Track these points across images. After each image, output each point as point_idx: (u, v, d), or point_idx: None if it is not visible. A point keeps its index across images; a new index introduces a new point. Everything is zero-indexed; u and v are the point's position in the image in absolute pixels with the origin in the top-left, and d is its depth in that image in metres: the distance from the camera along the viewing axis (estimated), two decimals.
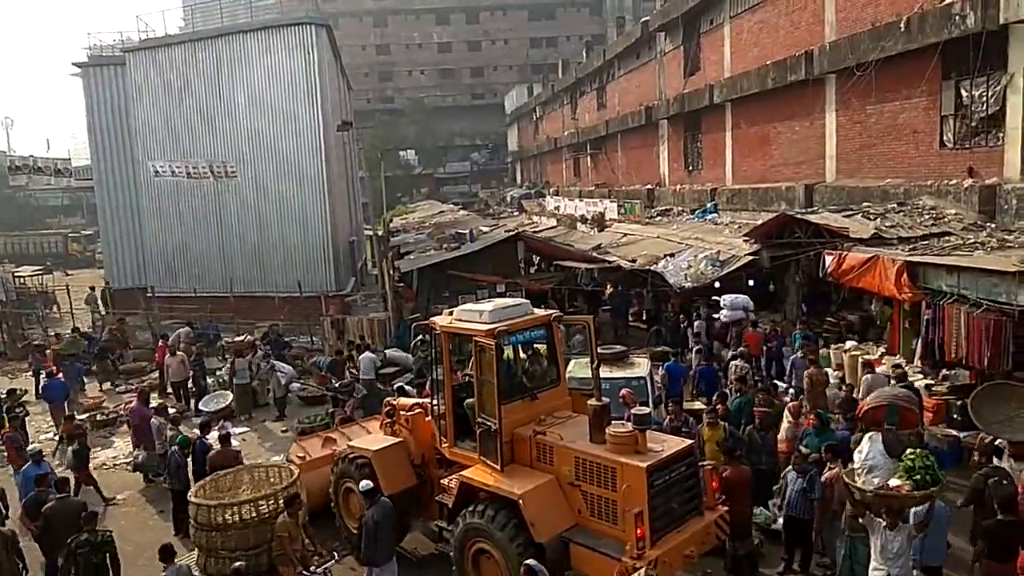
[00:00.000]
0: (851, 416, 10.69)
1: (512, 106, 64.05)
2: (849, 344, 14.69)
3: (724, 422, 10.82)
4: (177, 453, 11.60)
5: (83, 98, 31.15)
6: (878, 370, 12.59)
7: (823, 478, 8.94)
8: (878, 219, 15.10)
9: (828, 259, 14.24)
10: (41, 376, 18.37)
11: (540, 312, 9.59)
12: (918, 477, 7.26)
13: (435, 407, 9.82)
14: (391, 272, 23.53)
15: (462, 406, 9.40)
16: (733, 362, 14.20)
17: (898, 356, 13.60)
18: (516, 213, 43.53)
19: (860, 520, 7.59)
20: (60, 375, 18.00)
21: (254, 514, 9.29)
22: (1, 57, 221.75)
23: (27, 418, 16.12)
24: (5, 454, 13.95)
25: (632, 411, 8.42)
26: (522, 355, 9.78)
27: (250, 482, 10.49)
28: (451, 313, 9.66)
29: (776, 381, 14.48)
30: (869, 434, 8.02)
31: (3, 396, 16.96)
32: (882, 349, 14.20)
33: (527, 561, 7.18)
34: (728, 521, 8.52)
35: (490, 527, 8.26)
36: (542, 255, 25.03)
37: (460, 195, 65.76)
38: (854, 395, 11.90)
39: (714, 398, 12.15)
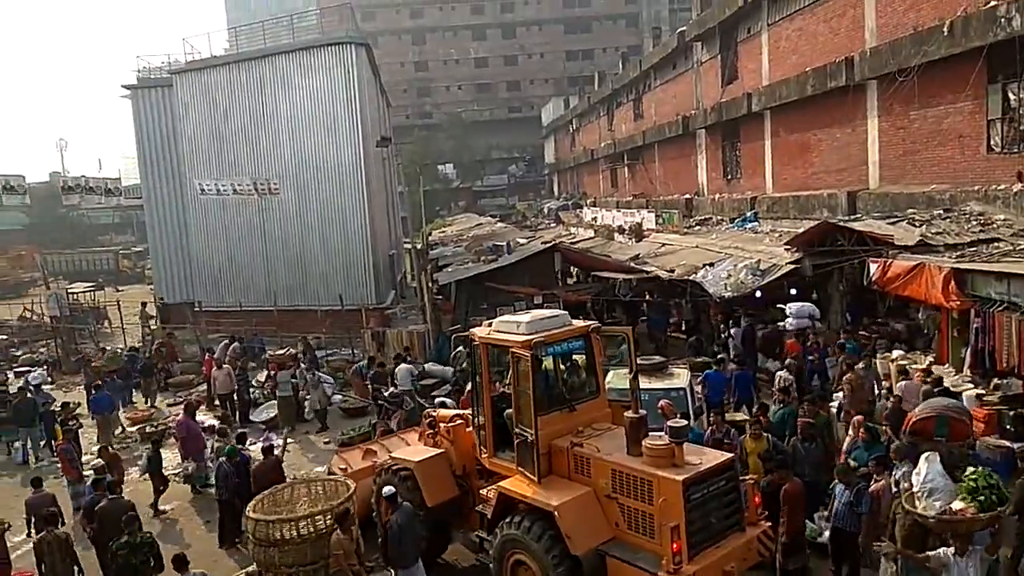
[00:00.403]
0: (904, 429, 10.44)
1: (548, 119, 64.28)
2: (896, 353, 14.38)
3: (767, 434, 10.69)
4: (225, 464, 11.86)
5: (132, 119, 32.15)
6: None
7: (870, 490, 8.75)
8: (924, 226, 14.79)
9: (873, 267, 13.98)
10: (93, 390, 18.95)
11: (579, 323, 9.55)
12: (982, 498, 6.93)
13: (475, 417, 9.87)
14: (430, 285, 23.75)
15: (502, 416, 9.40)
16: (778, 373, 14.04)
17: (947, 365, 13.28)
18: (553, 225, 43.58)
19: (928, 565, 7.17)
20: (105, 393, 18.43)
21: (311, 530, 9.10)
22: (57, 82, 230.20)
23: (80, 431, 16.60)
24: (59, 465, 14.38)
25: (669, 423, 8.32)
26: (561, 366, 9.73)
27: (307, 496, 10.41)
28: (490, 324, 9.69)
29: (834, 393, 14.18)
30: (926, 454, 7.63)
31: (57, 409, 17.53)
32: (930, 358, 13.87)
33: None
34: (783, 535, 8.40)
35: (526, 538, 8.26)
36: (579, 266, 25.00)
37: (498, 208, 66.09)
38: (902, 406, 11.65)
39: (755, 409, 12.02)
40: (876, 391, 13.15)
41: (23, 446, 16.88)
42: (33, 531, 10.96)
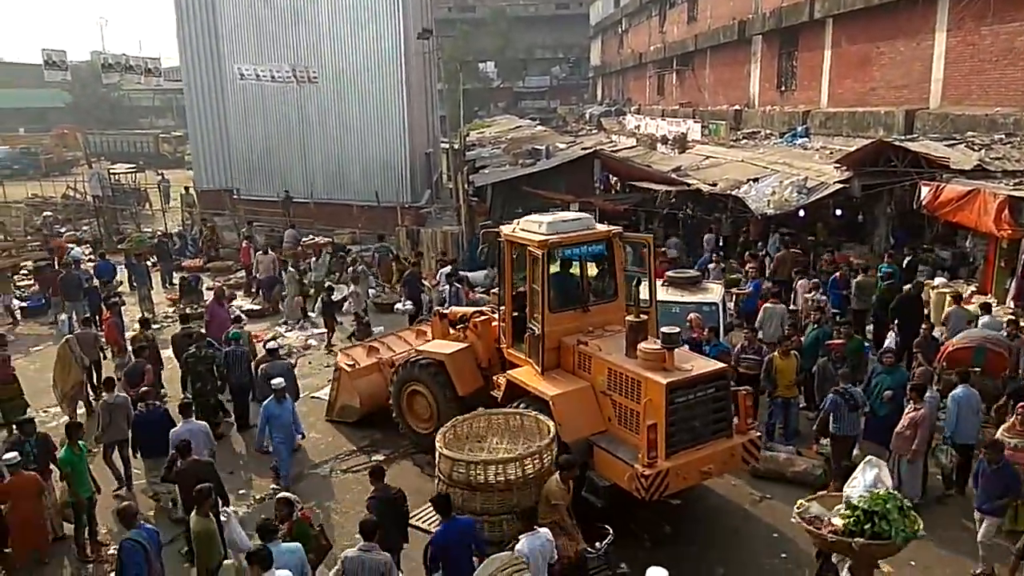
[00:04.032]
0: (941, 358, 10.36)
1: (597, 17, 61.69)
2: (938, 281, 14.07)
3: (796, 353, 10.71)
4: (235, 348, 12.14)
5: None
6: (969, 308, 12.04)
7: (907, 418, 8.81)
8: (983, 150, 14.19)
9: (924, 190, 13.53)
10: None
11: (600, 227, 9.88)
12: (851, 519, 6.25)
13: (498, 310, 10.33)
14: (466, 186, 23.56)
15: (524, 310, 9.79)
16: (805, 295, 13.94)
17: (990, 296, 12.99)
18: (594, 131, 42.61)
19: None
20: (108, 260, 19.98)
21: (520, 473, 7.89)
22: None
23: (123, 308, 17.09)
24: (104, 339, 14.84)
25: (662, 330, 8.63)
26: (579, 268, 10.10)
27: (488, 429, 9.16)
28: (519, 223, 10.01)
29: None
30: (869, 458, 7.02)
31: (100, 286, 18.09)
32: (972, 287, 13.57)
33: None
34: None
35: None
36: (618, 175, 24.52)
37: (538, 111, 64.60)
38: (934, 334, 11.48)
39: (786, 328, 12.02)
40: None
41: (68, 319, 17.49)
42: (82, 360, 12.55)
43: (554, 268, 9.47)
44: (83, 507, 8.82)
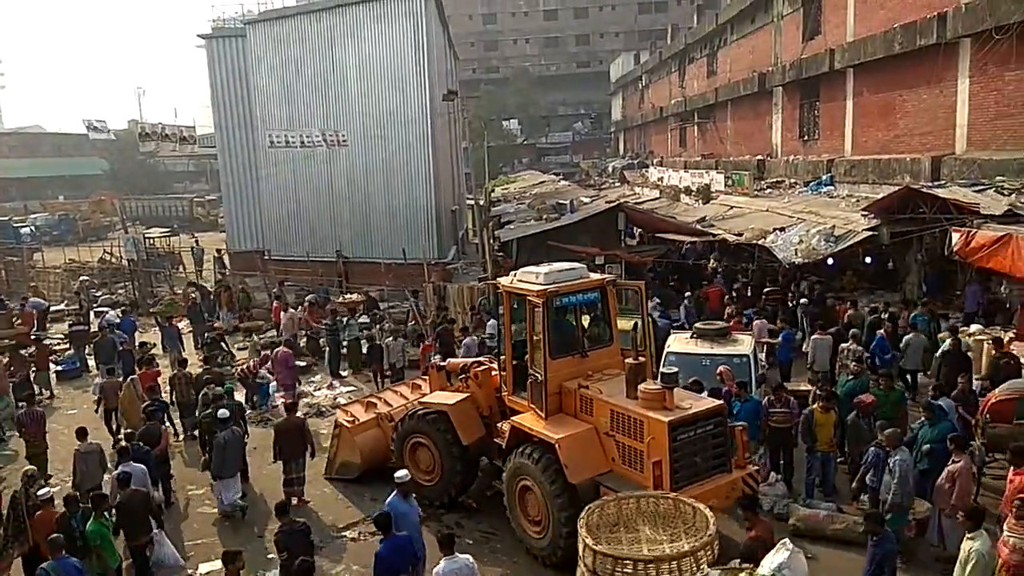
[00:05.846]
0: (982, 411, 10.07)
1: (618, 74, 62.87)
2: (974, 328, 13.76)
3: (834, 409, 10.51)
4: (227, 401, 12.22)
5: (207, 69, 32.70)
6: None
7: (946, 471, 8.53)
8: (1013, 194, 14.02)
9: (955, 236, 13.37)
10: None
11: (595, 276, 10.32)
12: None
13: (499, 359, 10.59)
14: (491, 242, 23.75)
15: (523, 359, 10.05)
16: (842, 345, 13.68)
17: None
18: (618, 184, 42.99)
19: None
20: (129, 316, 21.28)
21: (694, 569, 6.83)
22: (135, 30, 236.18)
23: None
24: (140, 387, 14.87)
25: (662, 370, 8.95)
26: (576, 315, 10.37)
27: (619, 515, 7.96)
28: (515, 274, 10.30)
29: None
30: (785, 541, 6.66)
31: (134, 348, 18.36)
32: (1010, 334, 13.24)
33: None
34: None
35: (532, 466, 9.15)
36: (643, 227, 24.57)
37: (561, 165, 65.54)
38: (972, 387, 11.16)
39: (820, 382, 11.80)
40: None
41: None
42: (102, 408, 14.14)
43: (553, 316, 9.76)
44: None
